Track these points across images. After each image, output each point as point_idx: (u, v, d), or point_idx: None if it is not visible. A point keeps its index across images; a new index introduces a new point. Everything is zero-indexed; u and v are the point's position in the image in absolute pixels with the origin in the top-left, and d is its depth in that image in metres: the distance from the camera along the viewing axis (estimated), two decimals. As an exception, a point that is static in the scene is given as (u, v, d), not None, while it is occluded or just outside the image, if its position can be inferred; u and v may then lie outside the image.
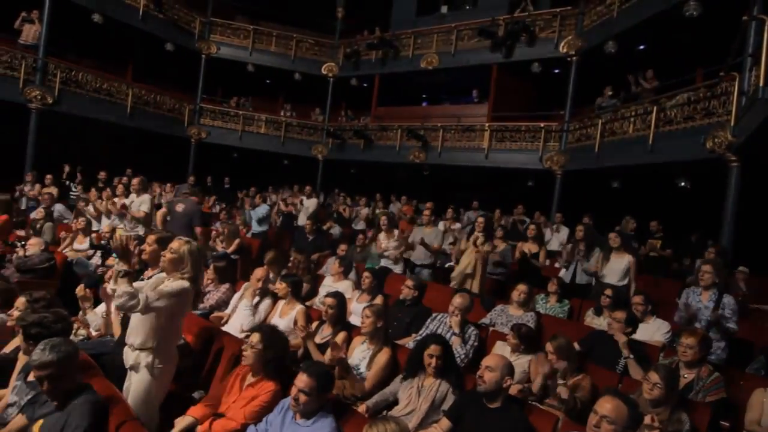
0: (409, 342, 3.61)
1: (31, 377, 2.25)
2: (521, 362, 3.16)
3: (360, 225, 9.88)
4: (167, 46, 11.82)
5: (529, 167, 9.75)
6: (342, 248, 6.44)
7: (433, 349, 2.61)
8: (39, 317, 2.23)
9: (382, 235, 5.70)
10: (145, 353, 2.33)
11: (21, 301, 2.54)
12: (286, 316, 3.77)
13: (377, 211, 9.87)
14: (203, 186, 10.80)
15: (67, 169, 9.38)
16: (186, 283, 2.40)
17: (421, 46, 11.85)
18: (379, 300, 4.37)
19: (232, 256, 6.14)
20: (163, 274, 2.59)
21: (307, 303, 4.28)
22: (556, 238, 7.66)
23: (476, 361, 3.50)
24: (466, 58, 10.90)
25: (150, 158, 11.36)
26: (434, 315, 3.78)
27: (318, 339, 3.33)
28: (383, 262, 5.88)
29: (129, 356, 2.38)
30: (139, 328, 2.35)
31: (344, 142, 12.90)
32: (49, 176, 8.21)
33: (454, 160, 10.74)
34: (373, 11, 13.74)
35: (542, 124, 9.59)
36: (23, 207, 8.24)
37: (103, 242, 6.07)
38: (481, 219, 4.94)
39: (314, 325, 3.50)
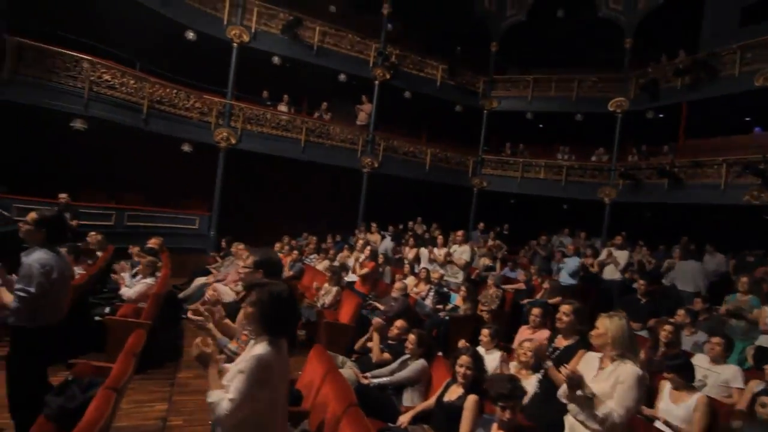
0: None
1: None
2: None
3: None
4: (456, 108, 13.32)
5: None
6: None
7: None
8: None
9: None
10: None
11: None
12: (681, 403, 3.27)
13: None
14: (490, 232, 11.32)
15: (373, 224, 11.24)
16: (638, 371, 2.28)
17: (752, 60, 9.58)
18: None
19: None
20: (594, 354, 2.56)
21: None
22: None
23: None
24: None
25: (436, 207, 12.73)
26: None
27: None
28: (763, 339, 4.63)
29: None
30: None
31: (639, 182, 11.44)
32: (373, 225, 10.07)
33: (823, 200, 7.98)
34: (672, 34, 12.09)
35: None
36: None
37: (436, 286, 6.89)
38: None
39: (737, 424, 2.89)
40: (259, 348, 1.79)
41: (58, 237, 2.84)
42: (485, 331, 3.82)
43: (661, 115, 11.74)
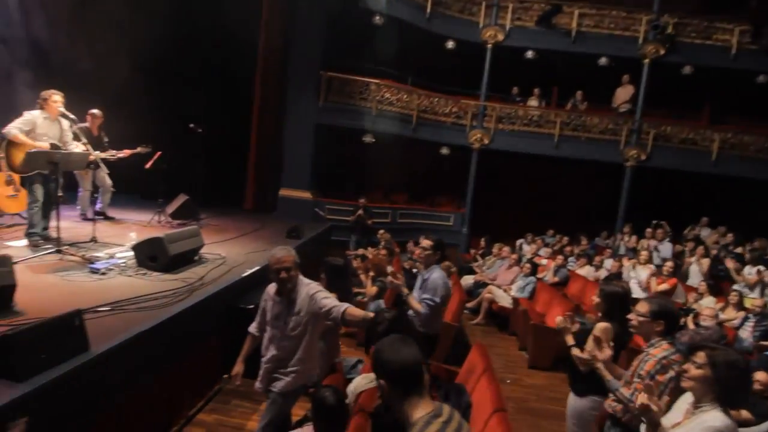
0: None
1: None
2: None
3: None
4: (758, 79, 10.35)
5: None
6: None
7: None
8: None
9: None
10: None
11: None
12: None
13: None
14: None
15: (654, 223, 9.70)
16: None
17: None
18: None
19: None
20: None
21: None
22: None
23: None
24: None
25: (726, 207, 10.18)
26: None
27: None
28: None
29: None
30: None
31: None
32: (663, 229, 8.75)
33: None
34: None
35: None
36: (622, 253, 9.18)
37: (757, 316, 5.52)
38: None
39: None
40: (716, 419, 1.68)
41: (441, 257, 3.39)
42: None
43: None
